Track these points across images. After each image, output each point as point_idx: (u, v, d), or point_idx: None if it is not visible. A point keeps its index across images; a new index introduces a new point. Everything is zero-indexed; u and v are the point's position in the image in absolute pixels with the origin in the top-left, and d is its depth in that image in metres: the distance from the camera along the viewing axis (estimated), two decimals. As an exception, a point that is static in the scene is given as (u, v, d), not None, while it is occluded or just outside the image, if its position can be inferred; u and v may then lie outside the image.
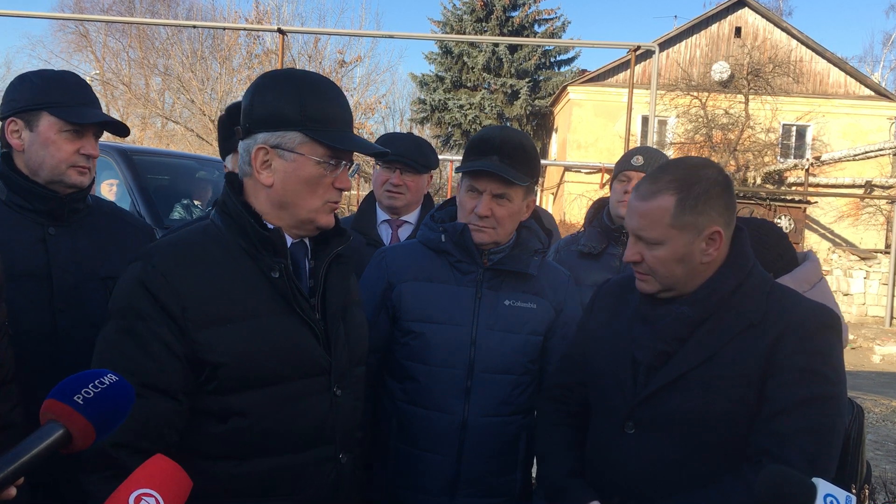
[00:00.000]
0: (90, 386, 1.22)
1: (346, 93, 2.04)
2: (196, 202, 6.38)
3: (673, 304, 1.91)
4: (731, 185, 1.92)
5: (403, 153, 3.19)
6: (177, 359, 1.64)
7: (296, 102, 1.73)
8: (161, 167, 6.66)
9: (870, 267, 18.13)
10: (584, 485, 1.97)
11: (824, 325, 1.83)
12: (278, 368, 1.72)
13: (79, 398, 1.20)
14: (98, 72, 29.94)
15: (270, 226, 1.76)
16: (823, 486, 1.40)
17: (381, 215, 3.31)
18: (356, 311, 1.97)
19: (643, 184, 1.92)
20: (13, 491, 1.19)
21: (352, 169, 1.82)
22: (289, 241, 1.80)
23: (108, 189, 6.29)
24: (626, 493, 1.89)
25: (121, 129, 2.39)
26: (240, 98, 1.91)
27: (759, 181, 22.39)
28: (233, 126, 2.72)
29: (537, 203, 4.21)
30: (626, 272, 2.87)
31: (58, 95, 2.21)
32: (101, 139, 2.40)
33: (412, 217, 3.29)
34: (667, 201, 1.83)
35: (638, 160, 3.09)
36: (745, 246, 1.92)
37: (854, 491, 2.30)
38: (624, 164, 3.15)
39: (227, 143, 2.83)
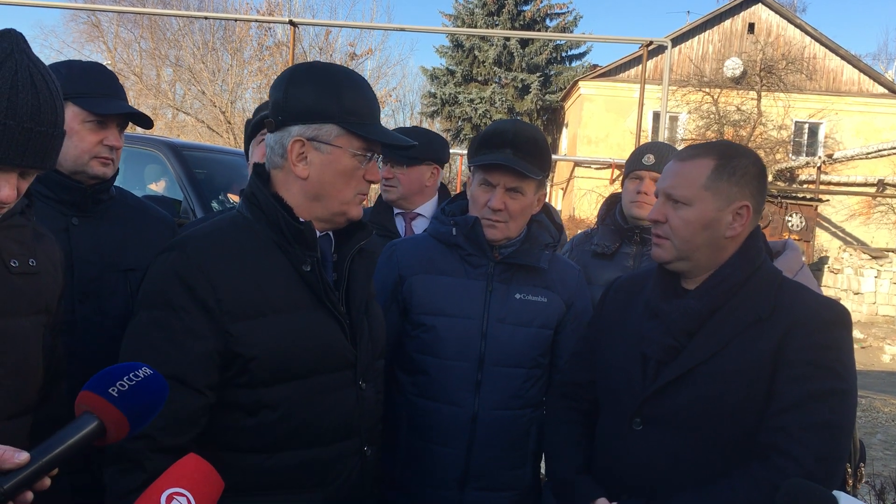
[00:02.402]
0: (125, 379, 1.23)
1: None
2: (233, 198, 6.35)
3: (682, 298, 1.90)
4: (766, 176, 1.95)
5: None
6: (206, 353, 1.64)
7: (334, 96, 1.74)
8: (204, 162, 6.64)
9: (881, 266, 18.01)
10: (592, 481, 1.97)
11: (834, 320, 1.82)
12: (308, 362, 1.72)
13: (113, 391, 1.21)
14: (109, 62, 29.97)
15: (301, 219, 1.76)
16: (845, 500, 1.38)
17: (396, 209, 3.30)
18: (375, 304, 1.98)
19: (685, 149, 1.97)
20: (48, 482, 1.19)
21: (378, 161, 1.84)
22: (316, 234, 1.81)
23: (156, 187, 6.28)
24: (633, 489, 1.88)
25: (145, 122, 2.39)
26: (250, 89, 1.92)
27: (770, 178, 22.28)
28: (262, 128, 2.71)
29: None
30: (638, 270, 2.85)
31: (83, 86, 2.21)
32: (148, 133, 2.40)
33: (426, 210, 3.25)
34: (706, 163, 1.87)
35: (649, 159, 3.04)
36: (758, 240, 1.92)
37: (850, 469, 2.30)
38: (635, 164, 3.09)
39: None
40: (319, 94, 1.74)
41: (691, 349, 1.84)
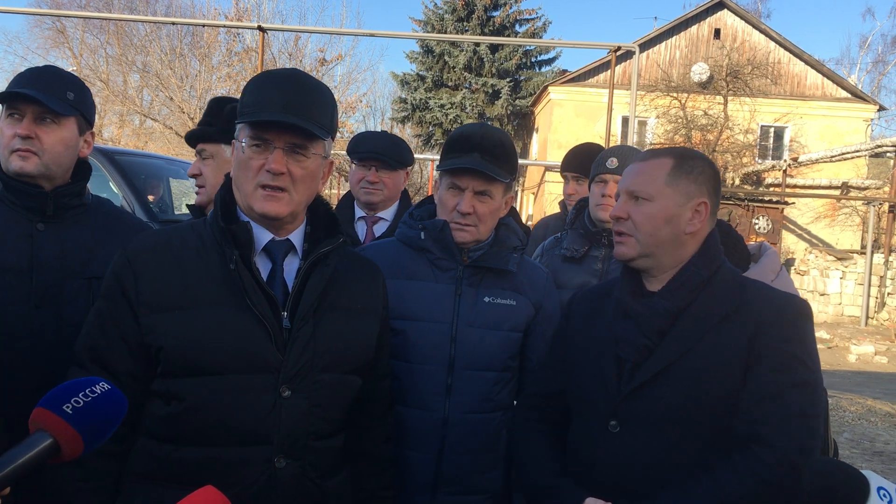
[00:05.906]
0: (80, 395, 1.21)
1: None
2: (151, 198, 6.50)
3: (652, 298, 1.93)
4: (720, 179, 2.03)
5: (379, 150, 3.23)
6: (124, 341, 1.74)
7: (242, 95, 1.82)
8: (133, 166, 6.73)
9: (846, 267, 18.33)
10: (575, 483, 1.95)
11: (801, 313, 1.89)
12: (220, 360, 1.71)
13: (68, 408, 1.18)
14: (75, 68, 29.55)
15: (245, 218, 1.80)
16: (875, 479, 1.35)
17: (358, 212, 3.33)
18: (339, 316, 1.87)
19: (643, 153, 2.07)
20: None
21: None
22: (268, 236, 1.81)
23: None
24: (612, 492, 1.86)
25: (47, 104, 2.18)
26: (220, 95, 1.94)
27: (737, 182, 22.58)
28: (214, 116, 2.73)
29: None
30: (607, 276, 2.87)
31: (13, 84, 2.20)
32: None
33: (388, 214, 3.30)
34: (665, 162, 1.95)
35: (613, 163, 3.05)
36: (716, 241, 1.98)
37: None
38: (600, 167, 3.11)
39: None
40: (241, 97, 1.83)
41: (664, 348, 1.87)
